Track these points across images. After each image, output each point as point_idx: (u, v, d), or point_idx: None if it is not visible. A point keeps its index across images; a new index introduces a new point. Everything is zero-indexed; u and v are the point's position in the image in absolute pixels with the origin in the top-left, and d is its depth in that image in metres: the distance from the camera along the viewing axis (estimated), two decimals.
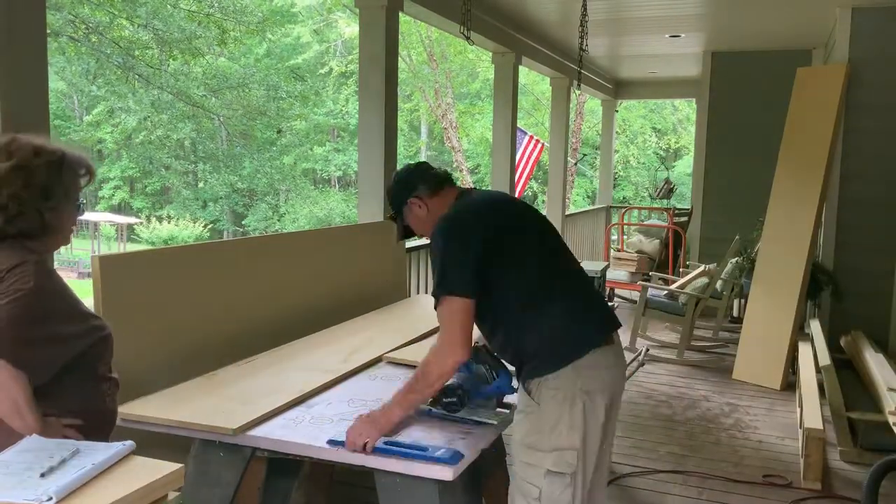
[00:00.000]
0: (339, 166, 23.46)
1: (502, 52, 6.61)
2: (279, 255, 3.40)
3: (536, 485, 1.98)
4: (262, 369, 2.67)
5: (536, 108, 20.33)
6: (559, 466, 1.96)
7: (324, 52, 20.39)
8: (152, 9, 15.73)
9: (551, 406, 1.97)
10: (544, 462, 1.97)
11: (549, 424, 1.97)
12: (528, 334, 2.02)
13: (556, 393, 1.98)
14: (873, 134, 5.63)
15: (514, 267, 2.06)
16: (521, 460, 2.02)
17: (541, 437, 1.98)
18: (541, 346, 2.01)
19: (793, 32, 7.00)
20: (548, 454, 1.97)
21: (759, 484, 3.60)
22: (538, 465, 1.98)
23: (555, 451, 1.96)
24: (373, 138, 4.58)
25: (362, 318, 3.58)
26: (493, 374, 2.18)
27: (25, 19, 2.28)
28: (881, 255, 5.54)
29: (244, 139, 22.63)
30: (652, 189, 12.19)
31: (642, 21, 6.73)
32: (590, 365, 1.99)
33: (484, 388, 2.19)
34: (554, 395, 1.98)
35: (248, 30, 17.75)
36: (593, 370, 2.00)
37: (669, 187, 10.18)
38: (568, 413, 1.96)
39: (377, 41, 4.49)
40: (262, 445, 2.08)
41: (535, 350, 2.02)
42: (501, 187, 6.91)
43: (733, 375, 5.43)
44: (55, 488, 1.36)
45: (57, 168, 1.74)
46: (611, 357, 2.07)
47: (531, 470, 1.99)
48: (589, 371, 1.99)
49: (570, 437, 1.96)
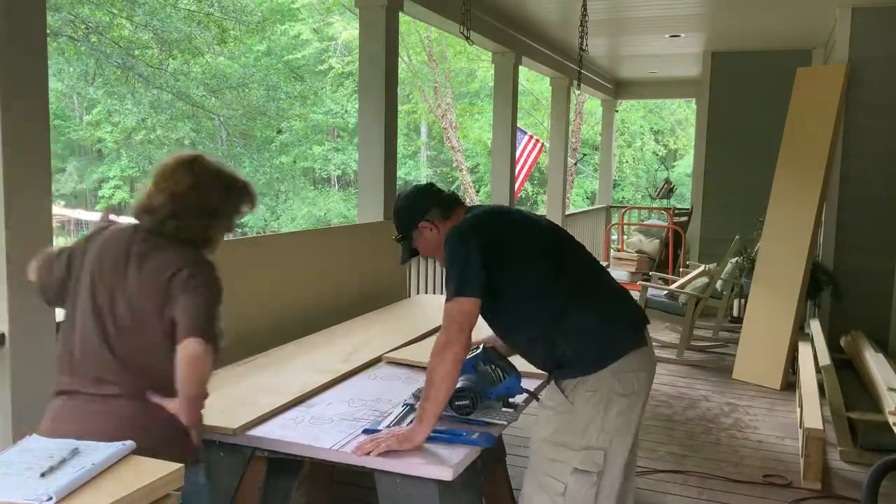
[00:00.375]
0: (339, 166, 23.46)
1: (502, 52, 6.60)
2: (279, 255, 3.40)
3: (562, 480, 2.01)
4: (262, 369, 2.66)
5: (536, 108, 20.31)
6: (586, 465, 2.00)
7: (324, 51, 20.37)
8: (152, 9, 15.71)
9: (586, 407, 2.01)
10: (572, 460, 2.01)
11: (582, 424, 2.01)
12: (563, 337, 2.04)
13: (593, 395, 2.01)
14: (873, 134, 5.63)
15: (540, 271, 2.08)
16: (547, 456, 2.05)
17: (573, 437, 2.01)
18: (577, 349, 2.03)
19: (793, 32, 7.00)
20: (577, 452, 2.00)
21: (759, 484, 3.60)
22: (566, 462, 2.01)
23: (586, 451, 2.00)
24: (372, 138, 4.58)
25: (362, 318, 3.58)
26: (501, 374, 2.20)
27: (25, 19, 2.28)
28: (881, 255, 5.54)
29: (244, 139, 22.62)
30: (652, 189, 12.18)
31: (642, 21, 6.73)
32: (627, 368, 2.03)
33: (492, 389, 2.21)
34: (590, 397, 2.01)
35: (248, 29, 17.73)
36: (630, 373, 2.04)
37: (669, 187, 10.18)
38: (602, 415, 2.00)
39: (377, 41, 4.49)
40: (262, 445, 2.08)
41: (572, 353, 2.03)
42: (501, 187, 6.91)
43: (733, 375, 5.43)
44: (55, 488, 1.36)
45: (227, 193, 1.94)
46: (645, 358, 2.10)
47: (557, 466, 2.02)
48: (626, 374, 2.03)
49: (600, 438, 2.00)
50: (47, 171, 2.39)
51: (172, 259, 1.82)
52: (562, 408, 2.04)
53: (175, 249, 1.85)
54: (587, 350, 2.03)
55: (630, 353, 2.04)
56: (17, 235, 2.27)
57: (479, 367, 2.21)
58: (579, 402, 2.01)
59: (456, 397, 2.12)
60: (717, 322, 6.52)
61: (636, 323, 2.14)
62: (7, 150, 2.23)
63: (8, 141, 2.23)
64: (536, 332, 2.09)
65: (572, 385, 2.03)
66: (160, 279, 1.79)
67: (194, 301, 1.78)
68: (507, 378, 2.20)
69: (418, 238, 2.21)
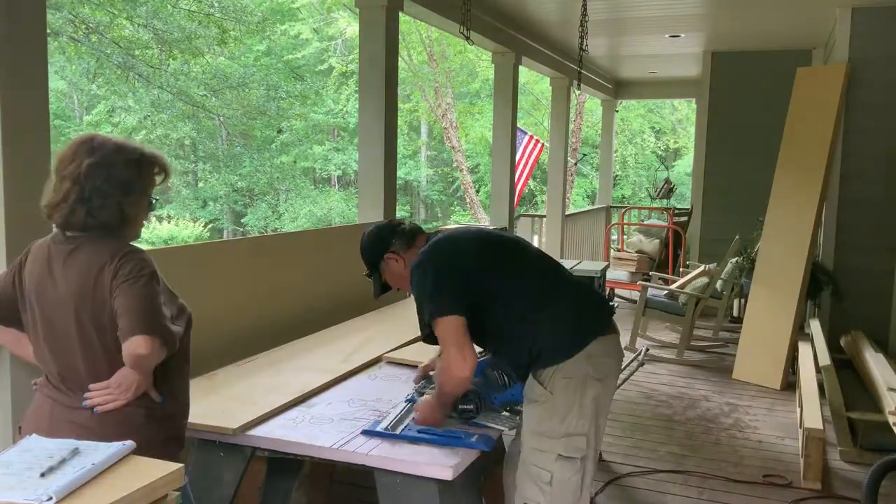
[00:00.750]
0: (339, 165, 23.46)
1: (502, 52, 6.60)
2: (279, 255, 3.40)
3: (548, 469, 2.06)
4: (262, 369, 2.67)
5: (536, 107, 20.31)
6: (570, 451, 2.06)
7: (324, 50, 20.37)
8: (152, 8, 15.70)
9: (565, 394, 2.07)
10: (556, 448, 2.06)
11: (562, 412, 2.06)
12: (539, 333, 2.10)
13: (570, 381, 2.07)
14: (873, 134, 5.63)
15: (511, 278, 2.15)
16: (533, 447, 2.09)
17: (553, 425, 2.07)
18: (552, 339, 2.10)
19: (793, 32, 7.00)
20: (559, 440, 2.06)
21: (759, 484, 3.60)
22: (550, 450, 2.06)
23: (566, 437, 2.06)
24: (373, 138, 4.58)
25: (362, 318, 3.58)
26: (507, 381, 2.24)
27: (25, 19, 2.28)
28: (881, 255, 5.54)
29: (244, 139, 22.62)
30: (652, 189, 12.18)
31: (642, 21, 6.73)
32: (599, 353, 2.10)
33: (498, 394, 2.23)
34: (567, 383, 2.06)
35: (248, 29, 17.72)
36: (602, 357, 2.11)
37: (669, 187, 10.17)
38: (579, 400, 2.06)
39: (377, 41, 4.49)
40: (262, 445, 2.08)
41: (547, 343, 2.10)
42: (501, 187, 6.91)
43: (733, 375, 5.43)
44: (55, 488, 1.36)
45: (136, 165, 1.84)
46: (614, 344, 2.20)
47: (543, 455, 2.07)
48: (598, 359, 2.10)
49: (580, 424, 2.06)
50: (47, 172, 2.38)
51: (91, 257, 1.77)
52: (542, 398, 2.09)
53: (93, 246, 1.78)
54: (561, 337, 2.10)
55: (601, 338, 2.12)
56: (18, 236, 2.26)
57: (486, 371, 2.25)
58: (557, 390, 2.07)
59: (461, 401, 2.15)
60: (717, 322, 6.52)
61: (604, 311, 2.24)
62: (7, 150, 2.23)
63: (8, 141, 2.23)
64: (509, 334, 2.14)
65: (549, 374, 2.08)
66: (86, 285, 1.75)
67: (127, 297, 1.72)
68: (513, 385, 2.24)
69: (385, 270, 2.32)
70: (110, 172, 1.79)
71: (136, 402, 1.78)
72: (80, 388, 1.79)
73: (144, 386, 1.78)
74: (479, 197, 19.65)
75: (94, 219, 1.78)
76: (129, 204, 1.82)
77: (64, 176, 1.78)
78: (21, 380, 2.31)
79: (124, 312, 1.71)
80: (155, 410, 1.82)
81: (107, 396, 1.76)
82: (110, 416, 1.76)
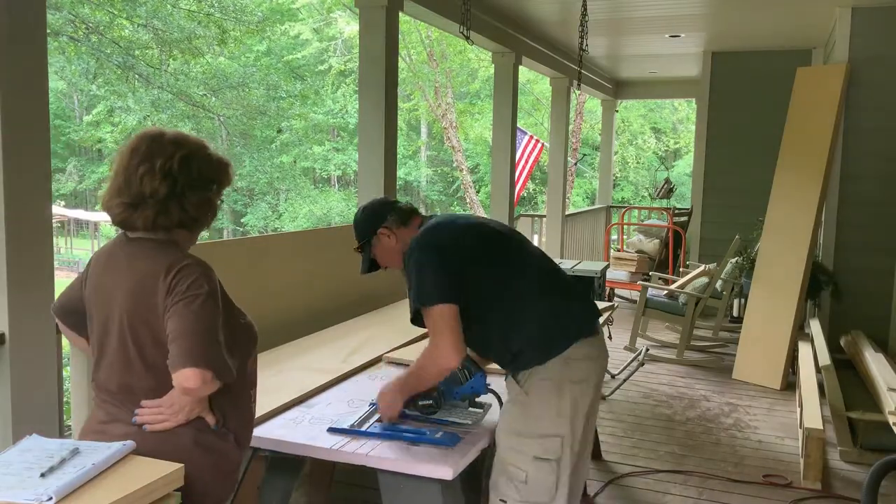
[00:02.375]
0: (339, 165, 23.47)
1: (502, 52, 6.60)
2: (279, 255, 3.39)
3: (523, 468, 2.06)
4: (261, 369, 2.65)
5: (536, 108, 20.32)
6: (546, 453, 2.06)
7: (324, 50, 20.37)
8: (152, 8, 15.70)
9: (541, 395, 2.07)
10: (531, 449, 2.06)
11: (537, 413, 2.07)
12: (517, 330, 2.10)
13: (546, 383, 2.07)
14: (873, 134, 5.63)
15: (496, 268, 2.15)
16: (509, 446, 2.09)
17: (528, 425, 2.07)
18: (531, 340, 2.09)
19: (793, 32, 7.00)
20: (535, 441, 2.06)
21: (759, 484, 3.60)
22: (526, 451, 2.06)
23: (542, 438, 2.06)
24: (373, 138, 4.58)
25: (362, 318, 3.58)
26: (466, 374, 2.22)
27: (25, 19, 2.28)
28: (881, 255, 5.54)
29: (244, 139, 22.63)
30: (652, 189, 12.19)
31: (642, 21, 6.73)
32: (578, 356, 2.09)
33: (458, 388, 2.22)
34: (544, 385, 2.07)
35: (248, 29, 17.73)
36: (582, 361, 2.10)
37: (669, 187, 10.18)
38: (556, 402, 2.06)
39: (377, 41, 4.49)
40: (262, 445, 2.08)
41: (526, 344, 2.09)
42: (501, 187, 6.91)
43: (733, 375, 5.43)
44: (55, 488, 1.36)
45: (218, 161, 1.76)
46: (597, 347, 2.18)
47: (519, 455, 2.07)
48: (577, 362, 2.09)
49: (556, 425, 2.06)
50: (47, 172, 2.39)
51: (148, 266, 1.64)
52: (519, 398, 2.09)
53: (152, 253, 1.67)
54: (540, 340, 2.09)
55: (581, 341, 2.11)
56: (17, 235, 2.27)
57: None
58: (534, 392, 2.07)
59: (421, 396, 2.15)
60: (717, 322, 6.52)
61: (588, 313, 2.21)
62: (7, 149, 2.23)
63: (8, 141, 2.23)
64: (491, 330, 2.14)
65: (527, 375, 2.09)
66: (139, 296, 1.64)
67: (181, 319, 1.57)
68: (472, 378, 2.22)
69: (377, 245, 2.28)
70: (202, 166, 1.71)
71: (186, 424, 1.67)
72: (132, 401, 1.69)
73: (199, 409, 1.67)
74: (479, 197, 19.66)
75: (190, 212, 1.69)
76: (212, 202, 1.76)
77: (149, 169, 1.64)
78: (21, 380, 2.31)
79: (176, 338, 1.56)
80: (205, 437, 1.68)
81: (157, 416, 1.66)
82: (157, 436, 1.65)
